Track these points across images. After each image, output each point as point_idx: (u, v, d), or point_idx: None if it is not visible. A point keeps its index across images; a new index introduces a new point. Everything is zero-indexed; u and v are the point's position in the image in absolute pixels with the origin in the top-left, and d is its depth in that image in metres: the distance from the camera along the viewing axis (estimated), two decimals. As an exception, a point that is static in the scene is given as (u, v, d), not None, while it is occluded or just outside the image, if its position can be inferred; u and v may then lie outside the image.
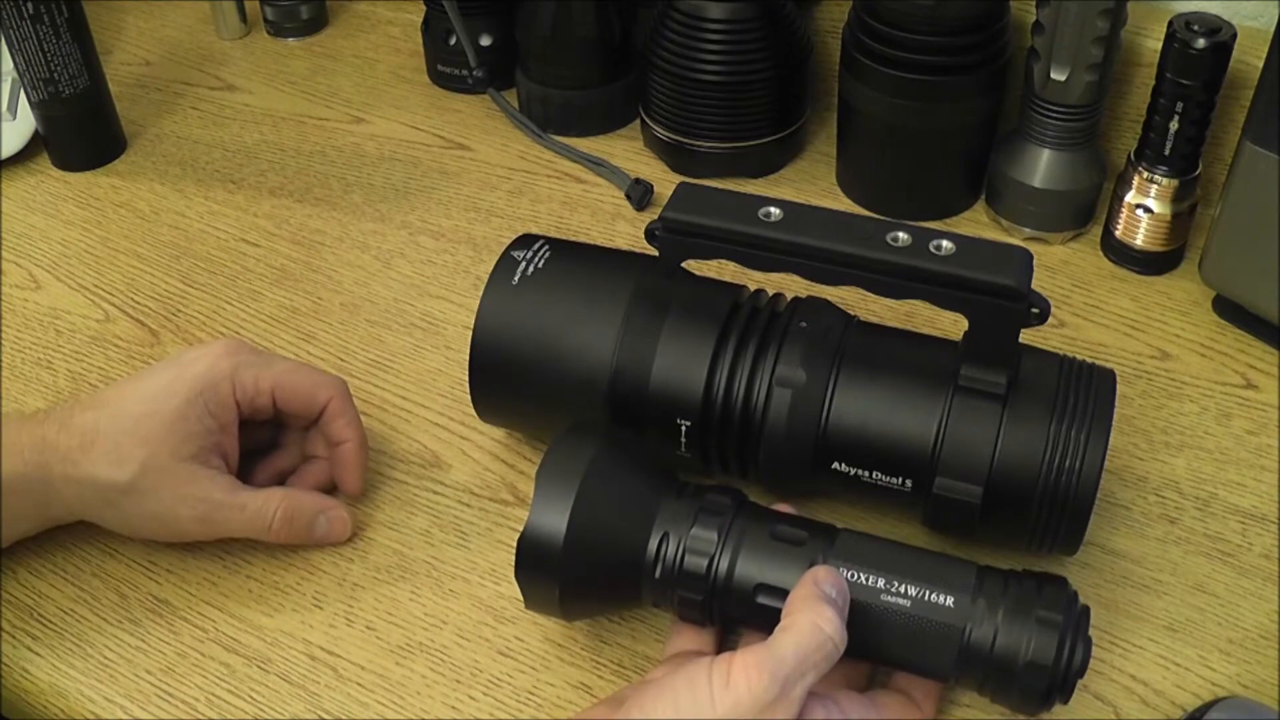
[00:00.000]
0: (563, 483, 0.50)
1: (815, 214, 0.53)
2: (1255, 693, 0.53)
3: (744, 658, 0.44)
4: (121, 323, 0.75)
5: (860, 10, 0.75)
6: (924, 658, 0.48)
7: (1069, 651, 0.47)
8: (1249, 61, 0.72)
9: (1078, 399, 0.52)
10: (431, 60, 0.95)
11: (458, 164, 0.88)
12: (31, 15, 0.79)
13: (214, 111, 0.94)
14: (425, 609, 0.58)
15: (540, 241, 0.60)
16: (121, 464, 0.54)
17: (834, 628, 0.45)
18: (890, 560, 0.49)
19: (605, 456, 0.51)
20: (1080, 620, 0.47)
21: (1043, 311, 0.51)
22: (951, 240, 0.51)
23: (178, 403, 0.55)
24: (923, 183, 0.80)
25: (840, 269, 0.52)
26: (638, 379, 0.55)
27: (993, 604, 0.47)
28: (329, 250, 0.80)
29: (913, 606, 0.47)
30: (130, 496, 0.54)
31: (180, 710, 0.54)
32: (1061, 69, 0.72)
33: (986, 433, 0.52)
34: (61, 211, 0.84)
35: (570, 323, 0.56)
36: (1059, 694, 0.47)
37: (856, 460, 0.54)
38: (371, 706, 0.54)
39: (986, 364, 0.52)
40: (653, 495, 0.51)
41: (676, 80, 0.81)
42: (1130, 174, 0.74)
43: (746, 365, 0.55)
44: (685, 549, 0.49)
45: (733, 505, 0.51)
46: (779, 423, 0.54)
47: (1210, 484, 0.63)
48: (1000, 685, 0.48)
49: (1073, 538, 0.53)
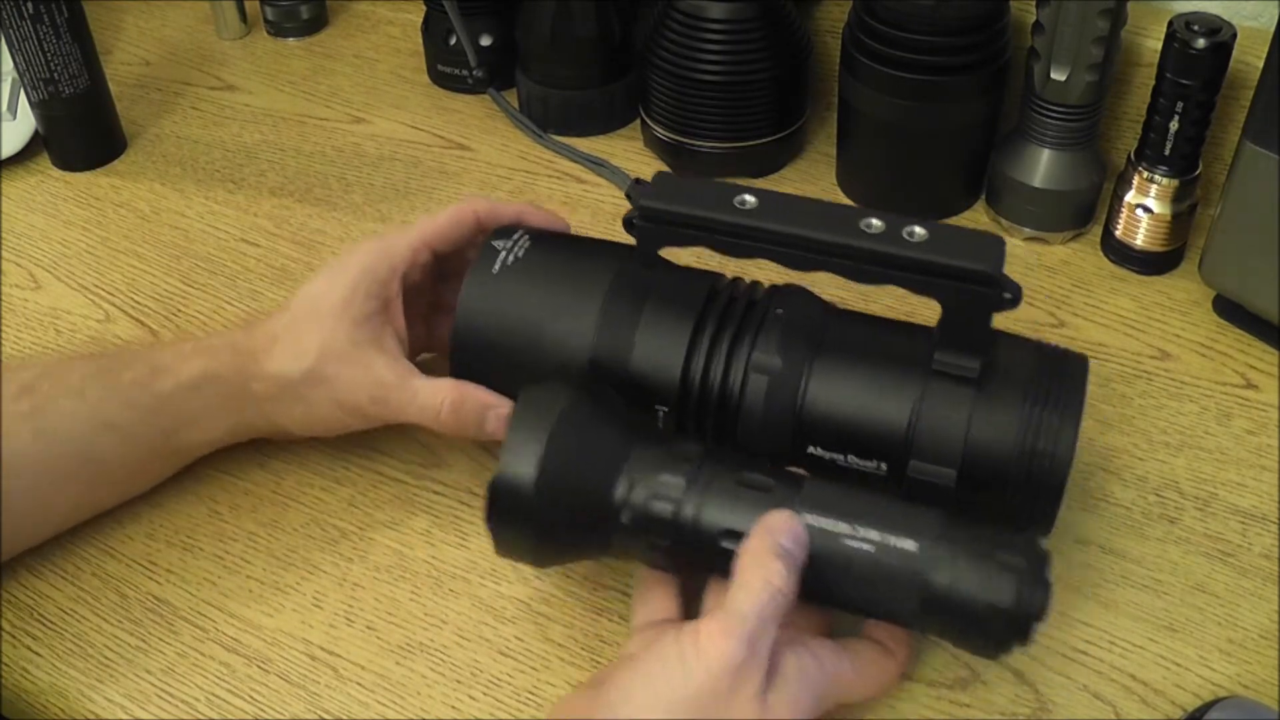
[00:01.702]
0: (534, 428, 0.50)
1: (790, 202, 0.54)
2: (1255, 693, 0.54)
3: (708, 625, 0.45)
4: (121, 323, 0.75)
5: (860, 10, 0.75)
6: (887, 602, 0.49)
7: (1028, 595, 0.47)
8: (1249, 61, 0.72)
9: (1050, 383, 0.53)
10: (431, 60, 0.95)
11: (458, 164, 0.88)
12: (31, 15, 0.79)
13: (214, 111, 0.94)
14: (425, 609, 0.58)
15: (520, 231, 0.61)
16: (301, 356, 0.57)
17: (782, 580, 0.46)
18: (856, 506, 0.49)
19: (577, 404, 0.51)
20: (1040, 564, 0.48)
21: (1014, 297, 0.52)
22: (924, 227, 0.52)
23: (341, 293, 0.58)
24: (923, 182, 0.80)
25: (814, 255, 0.53)
26: (617, 365, 0.56)
27: (954, 549, 0.48)
28: (329, 250, 0.80)
29: (876, 551, 0.48)
30: (312, 386, 0.58)
31: (180, 710, 0.54)
32: (1061, 69, 0.72)
33: (959, 416, 0.52)
34: (61, 211, 0.84)
35: (550, 311, 0.57)
36: (1018, 637, 0.47)
37: (832, 444, 0.54)
38: (371, 706, 0.54)
39: (960, 349, 0.53)
40: (623, 443, 0.51)
41: (676, 80, 0.81)
42: (1130, 174, 0.74)
43: (724, 351, 0.55)
44: (653, 495, 0.50)
45: (701, 453, 0.51)
46: (755, 408, 0.54)
47: (1210, 484, 0.63)
48: (961, 629, 0.48)
49: (1046, 519, 0.54)
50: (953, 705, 0.53)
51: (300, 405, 0.59)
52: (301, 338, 0.58)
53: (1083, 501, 0.62)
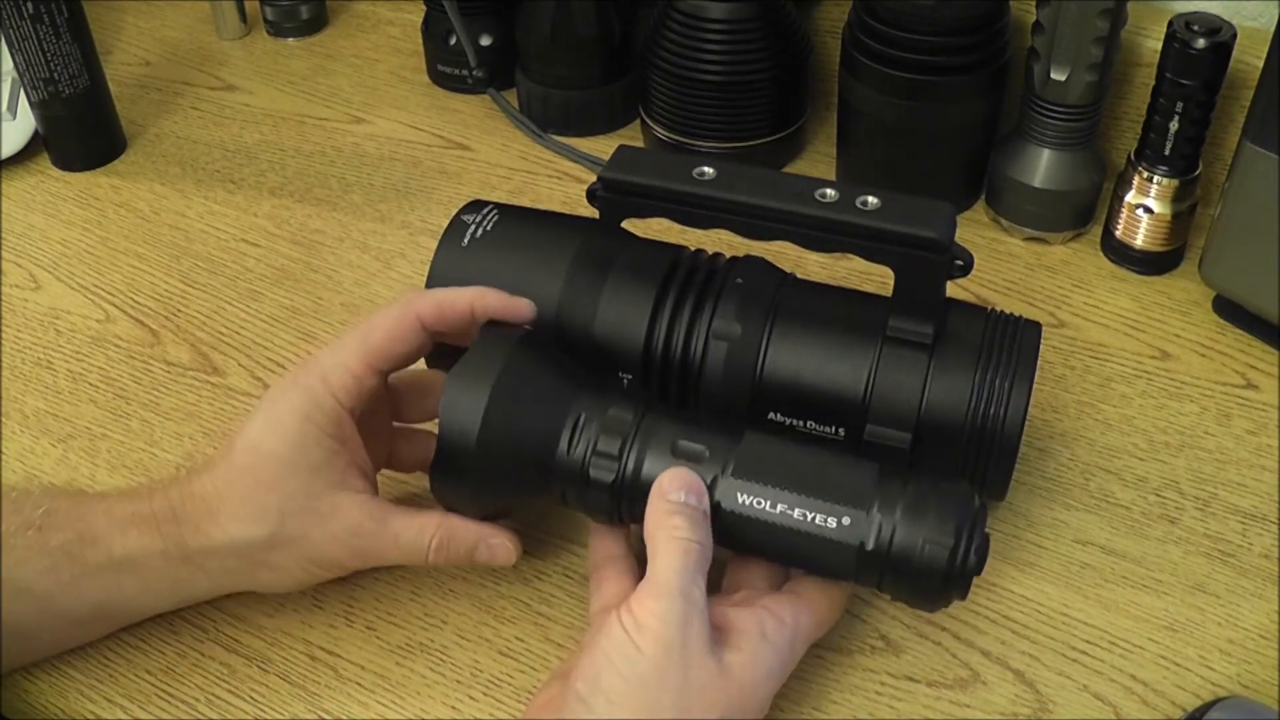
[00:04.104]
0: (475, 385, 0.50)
1: (747, 172, 0.55)
2: (1255, 693, 0.53)
3: (638, 596, 0.46)
4: (121, 323, 0.75)
5: (860, 10, 0.75)
6: (823, 568, 0.50)
7: (963, 552, 0.47)
8: (1249, 61, 0.72)
9: (1003, 348, 0.54)
10: (431, 60, 0.95)
11: (458, 164, 0.88)
12: (31, 15, 0.79)
13: (214, 111, 0.94)
14: (425, 609, 0.58)
15: (490, 206, 0.62)
16: (259, 518, 0.50)
17: (686, 531, 0.47)
18: (788, 475, 0.49)
19: (515, 364, 0.51)
20: (976, 519, 0.48)
21: (966, 264, 0.53)
22: (877, 196, 0.53)
23: (289, 441, 0.50)
24: (923, 182, 0.80)
25: (770, 224, 0.54)
26: (581, 335, 0.57)
27: (889, 510, 0.48)
28: (329, 250, 0.80)
29: (808, 525, 0.48)
30: (275, 550, 0.51)
31: (180, 710, 0.54)
32: (1061, 69, 0.72)
33: (914, 381, 0.54)
34: (61, 211, 0.84)
35: (516, 282, 0.57)
36: (957, 592, 0.48)
37: (791, 410, 0.55)
38: (371, 706, 0.54)
39: (913, 315, 0.54)
40: (561, 404, 0.52)
41: (676, 80, 0.81)
42: (1130, 174, 0.74)
43: (684, 320, 0.56)
44: (591, 463, 0.51)
45: (634, 421, 0.51)
46: (715, 375, 0.55)
47: (1210, 484, 0.63)
48: (897, 586, 0.48)
49: (999, 482, 0.55)
50: (953, 705, 0.53)
51: (264, 570, 0.52)
52: (253, 497, 0.50)
53: (1083, 501, 0.62)
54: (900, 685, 0.54)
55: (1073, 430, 0.65)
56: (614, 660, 0.45)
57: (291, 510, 0.50)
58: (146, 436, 0.67)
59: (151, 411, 0.68)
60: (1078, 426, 0.66)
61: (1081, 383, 0.68)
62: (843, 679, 0.54)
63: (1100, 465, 0.63)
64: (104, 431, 0.67)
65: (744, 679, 0.47)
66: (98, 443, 0.67)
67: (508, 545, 0.54)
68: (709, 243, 0.62)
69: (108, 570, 0.51)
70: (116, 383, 0.70)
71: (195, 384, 0.70)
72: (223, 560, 0.51)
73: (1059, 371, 0.69)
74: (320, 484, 0.51)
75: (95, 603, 0.52)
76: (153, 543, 0.51)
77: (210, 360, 0.72)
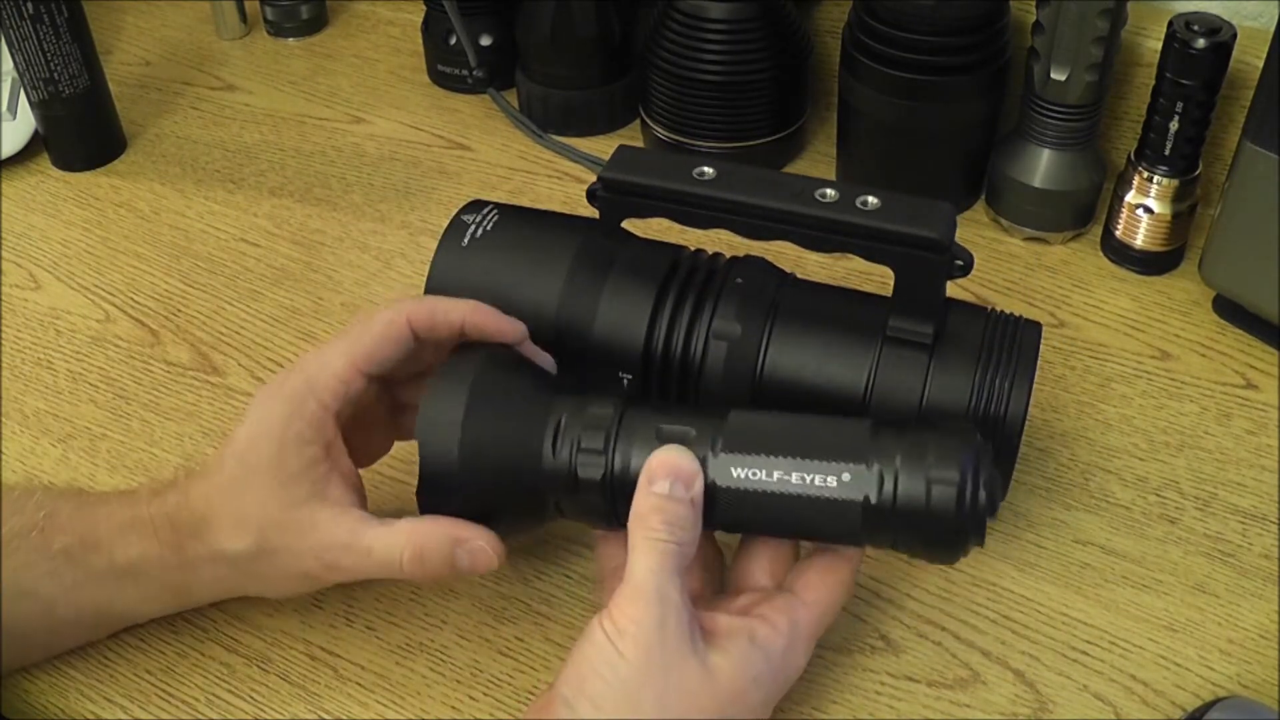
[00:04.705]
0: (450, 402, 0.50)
1: (747, 172, 0.55)
2: (1255, 693, 0.54)
3: (617, 603, 0.46)
4: (121, 323, 0.75)
5: (860, 10, 0.75)
6: (831, 532, 0.48)
7: (972, 489, 0.46)
8: (1249, 61, 0.72)
9: (1003, 348, 0.54)
10: (431, 60, 0.95)
11: (458, 164, 0.88)
12: (31, 15, 0.79)
13: (214, 111, 0.94)
14: (425, 609, 0.58)
15: (490, 206, 0.62)
16: (241, 530, 0.50)
17: (663, 531, 0.47)
18: (780, 442, 0.48)
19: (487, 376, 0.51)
20: (980, 454, 0.47)
21: (966, 264, 0.53)
22: (877, 196, 0.53)
23: (270, 450, 0.50)
24: (923, 182, 0.80)
25: (770, 224, 0.54)
26: (581, 335, 0.57)
27: (888, 459, 0.47)
28: (329, 250, 0.80)
29: (808, 488, 0.47)
30: (258, 561, 0.51)
31: (180, 710, 0.54)
32: (1061, 69, 0.72)
33: (914, 381, 0.54)
34: (61, 211, 0.84)
35: (516, 282, 0.58)
36: (973, 537, 0.47)
37: (791, 409, 0.54)
38: (371, 706, 0.54)
39: (914, 315, 0.54)
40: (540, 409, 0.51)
41: (676, 80, 0.81)
42: (1130, 174, 0.74)
43: (685, 320, 0.56)
44: (578, 462, 0.50)
45: (615, 414, 0.50)
46: (716, 374, 0.55)
47: (1210, 484, 0.63)
48: (911, 541, 0.47)
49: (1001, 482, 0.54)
50: (953, 705, 0.53)
51: (253, 581, 0.53)
52: (238, 507, 0.50)
53: (1083, 501, 0.62)
54: (900, 685, 0.54)
55: (1073, 430, 0.65)
56: (597, 666, 0.45)
57: (269, 524, 0.50)
58: (146, 436, 0.67)
59: (151, 411, 0.69)
60: (1078, 426, 0.66)
61: (1081, 383, 0.68)
62: (843, 679, 0.54)
63: (1100, 465, 0.64)
64: (104, 431, 0.67)
65: (730, 681, 0.46)
66: (98, 443, 0.67)
67: (488, 550, 0.52)
68: (709, 243, 0.62)
69: (109, 576, 0.51)
70: (116, 383, 0.70)
71: (195, 384, 0.70)
72: (215, 569, 0.52)
73: (1059, 371, 0.69)
74: (299, 494, 0.50)
75: (96, 607, 0.53)
76: (152, 549, 0.51)
77: (210, 360, 0.72)
